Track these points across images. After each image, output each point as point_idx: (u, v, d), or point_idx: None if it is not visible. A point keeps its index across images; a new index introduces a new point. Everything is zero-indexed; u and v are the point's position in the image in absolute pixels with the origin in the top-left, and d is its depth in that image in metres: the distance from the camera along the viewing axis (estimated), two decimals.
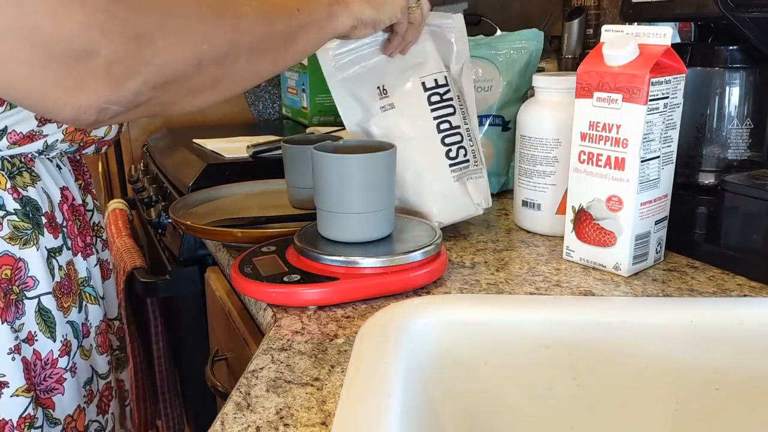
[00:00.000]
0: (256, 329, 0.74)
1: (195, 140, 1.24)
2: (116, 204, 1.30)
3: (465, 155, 0.79)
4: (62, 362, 0.66)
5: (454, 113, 0.78)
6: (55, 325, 0.65)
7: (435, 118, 0.77)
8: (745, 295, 0.63)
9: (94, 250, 0.74)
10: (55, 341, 0.65)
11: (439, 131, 0.77)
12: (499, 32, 1.06)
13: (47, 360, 0.65)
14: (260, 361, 0.52)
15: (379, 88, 0.77)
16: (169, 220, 0.99)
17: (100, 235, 0.78)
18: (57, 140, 0.65)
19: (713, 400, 0.58)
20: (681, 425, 0.58)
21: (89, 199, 0.77)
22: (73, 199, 0.71)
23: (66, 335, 0.67)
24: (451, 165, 0.77)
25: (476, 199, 0.80)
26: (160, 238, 1.12)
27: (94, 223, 0.77)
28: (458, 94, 0.80)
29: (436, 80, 0.77)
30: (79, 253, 0.71)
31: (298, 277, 0.61)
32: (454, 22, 0.81)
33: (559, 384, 0.59)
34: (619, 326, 0.58)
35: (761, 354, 0.57)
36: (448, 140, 0.77)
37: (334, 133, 1.20)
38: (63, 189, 0.69)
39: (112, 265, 0.81)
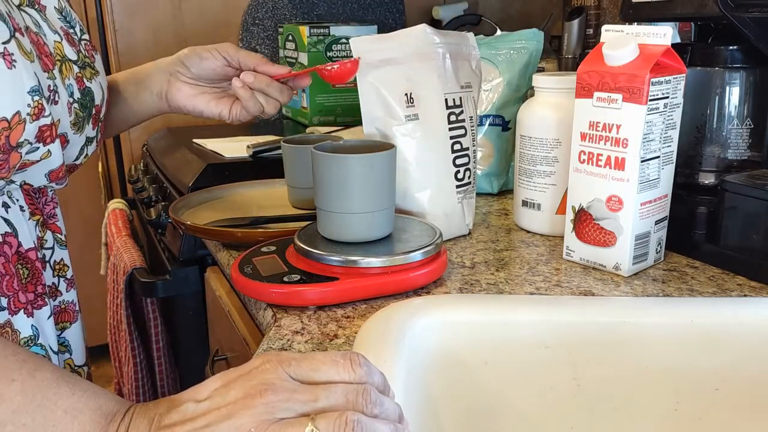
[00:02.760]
0: (256, 329, 0.74)
1: (195, 140, 1.24)
2: (116, 204, 1.30)
3: (469, 177, 0.80)
4: None
5: (465, 135, 0.78)
6: None
7: (451, 138, 0.77)
8: (745, 295, 0.63)
9: (46, 299, 0.64)
10: None
11: (453, 152, 0.77)
12: (499, 32, 1.06)
13: None
14: None
15: (407, 95, 0.75)
16: (169, 220, 0.99)
17: (64, 275, 0.69)
18: None
19: (713, 400, 0.58)
20: (681, 425, 0.58)
21: (48, 235, 0.68)
22: (19, 245, 0.62)
23: None
24: (457, 186, 0.78)
25: (467, 219, 0.81)
26: (160, 238, 1.12)
27: (54, 261, 0.68)
28: (471, 114, 0.80)
29: (454, 99, 0.77)
30: (21, 311, 0.61)
31: (298, 277, 0.61)
32: (472, 40, 0.81)
33: (559, 384, 0.59)
34: (619, 326, 0.58)
35: (761, 354, 0.57)
36: (458, 161, 0.78)
37: (334, 133, 1.20)
38: (5, 235, 0.61)
39: (78, 306, 0.72)
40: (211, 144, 1.20)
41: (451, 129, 0.77)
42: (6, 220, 0.61)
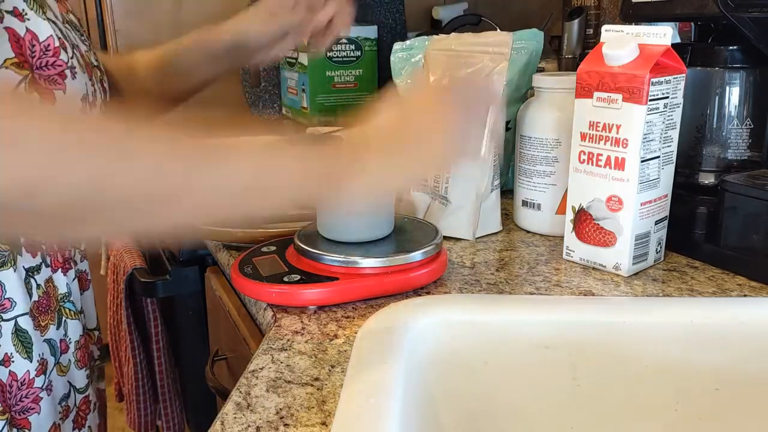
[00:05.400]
0: (256, 329, 0.74)
1: None
2: None
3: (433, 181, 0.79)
4: (38, 381, 0.64)
5: None
6: (32, 345, 0.63)
7: None
8: (745, 295, 0.63)
9: (72, 263, 0.71)
10: (31, 361, 0.63)
11: None
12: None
13: (23, 380, 0.63)
14: (260, 361, 0.52)
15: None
16: None
17: (78, 246, 0.75)
18: None
19: (713, 400, 0.58)
20: (681, 425, 0.58)
21: None
22: None
23: (42, 354, 0.64)
24: None
25: (420, 215, 0.78)
26: None
27: None
28: None
29: None
30: (59, 269, 0.68)
31: (298, 277, 0.61)
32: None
33: (559, 384, 0.59)
34: (619, 326, 0.58)
35: (761, 354, 0.57)
36: None
37: (334, 133, 1.20)
38: None
39: (90, 275, 0.78)
40: None
41: None
42: None
